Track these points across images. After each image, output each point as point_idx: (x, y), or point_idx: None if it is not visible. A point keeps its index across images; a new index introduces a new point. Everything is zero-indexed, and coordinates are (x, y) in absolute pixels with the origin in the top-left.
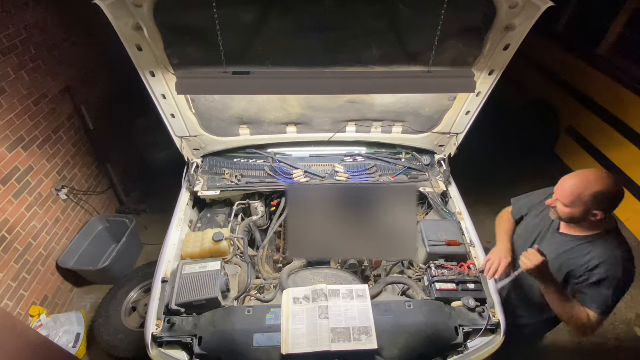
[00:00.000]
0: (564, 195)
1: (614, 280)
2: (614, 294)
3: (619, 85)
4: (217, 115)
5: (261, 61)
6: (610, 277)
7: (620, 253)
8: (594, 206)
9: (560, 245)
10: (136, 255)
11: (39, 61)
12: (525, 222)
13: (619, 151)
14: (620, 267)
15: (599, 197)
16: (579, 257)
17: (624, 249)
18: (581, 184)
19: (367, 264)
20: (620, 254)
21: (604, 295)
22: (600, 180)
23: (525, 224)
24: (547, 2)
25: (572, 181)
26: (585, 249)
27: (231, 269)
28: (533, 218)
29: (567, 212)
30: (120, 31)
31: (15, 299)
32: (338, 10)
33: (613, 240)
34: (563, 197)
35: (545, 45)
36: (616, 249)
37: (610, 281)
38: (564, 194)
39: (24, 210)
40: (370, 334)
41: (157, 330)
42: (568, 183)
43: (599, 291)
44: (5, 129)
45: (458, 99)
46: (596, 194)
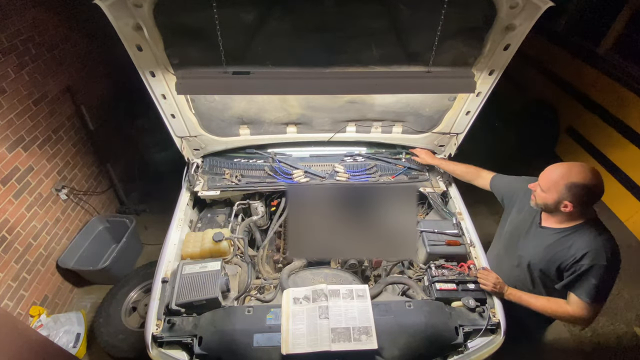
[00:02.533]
0: (543, 180)
1: (600, 268)
2: (603, 281)
3: (619, 85)
4: (217, 115)
5: (261, 61)
6: (595, 265)
7: (601, 241)
8: (566, 196)
9: (544, 239)
10: (136, 255)
11: (39, 61)
12: (510, 218)
13: (619, 151)
14: (603, 254)
15: (573, 189)
16: (564, 249)
17: (605, 237)
18: (561, 172)
19: (367, 264)
20: (601, 242)
21: (592, 284)
22: (580, 173)
23: (510, 220)
24: (547, 2)
25: (554, 168)
26: (567, 241)
27: (231, 269)
28: (517, 214)
29: (542, 197)
30: (120, 31)
31: (15, 299)
32: (338, 10)
33: (593, 230)
34: (542, 182)
35: (546, 45)
36: (597, 237)
37: (596, 269)
38: (544, 178)
39: (24, 210)
40: (370, 334)
41: (157, 330)
42: (551, 169)
43: (587, 281)
44: (5, 129)
45: (458, 99)
46: (571, 184)
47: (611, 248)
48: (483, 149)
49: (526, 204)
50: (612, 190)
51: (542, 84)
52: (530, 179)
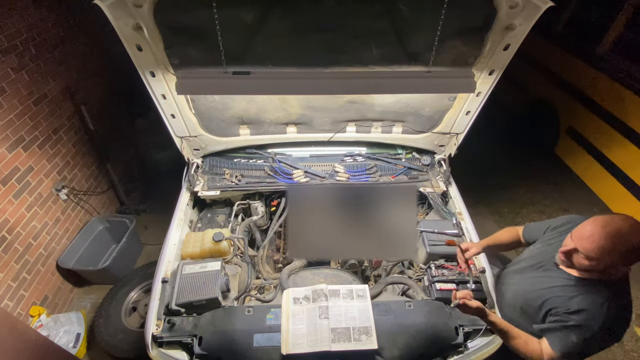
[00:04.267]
0: (590, 248)
1: (588, 332)
2: (584, 345)
3: (619, 85)
4: (217, 115)
5: (261, 61)
6: (584, 326)
7: (608, 309)
8: (621, 261)
9: (553, 280)
10: (136, 255)
11: (39, 61)
12: (530, 247)
13: (619, 151)
14: (600, 321)
15: (631, 253)
16: (564, 297)
17: (616, 305)
18: (615, 237)
19: (367, 264)
20: (607, 310)
21: (570, 341)
22: (636, 232)
23: (530, 249)
24: (547, 2)
25: (602, 231)
26: (574, 291)
27: (231, 269)
28: (540, 244)
29: (587, 265)
30: (120, 31)
31: (15, 299)
32: (338, 10)
33: (608, 293)
34: (587, 250)
35: (545, 45)
36: (607, 303)
37: (583, 331)
38: (590, 246)
39: (24, 210)
40: (370, 334)
41: (157, 330)
42: (597, 233)
43: (568, 336)
44: (5, 129)
45: (458, 99)
46: (632, 248)
47: (615, 318)
48: (483, 150)
49: (551, 237)
50: (612, 190)
51: (542, 84)
52: (568, 219)
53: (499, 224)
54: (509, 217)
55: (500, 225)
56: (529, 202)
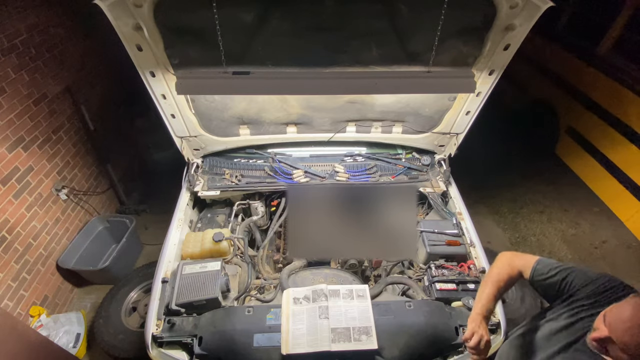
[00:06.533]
0: (629, 343)
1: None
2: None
3: (619, 85)
4: (217, 115)
5: (261, 61)
6: None
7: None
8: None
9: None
10: (136, 255)
11: (39, 61)
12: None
13: (619, 151)
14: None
15: None
16: None
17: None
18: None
19: (367, 264)
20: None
21: None
22: None
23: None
24: (547, 2)
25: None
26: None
27: (231, 269)
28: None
29: (622, 358)
30: (120, 31)
31: (15, 299)
32: (338, 10)
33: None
34: (626, 344)
35: (545, 45)
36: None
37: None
38: (630, 340)
39: (24, 211)
40: (370, 334)
41: (157, 330)
42: (637, 325)
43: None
44: (5, 129)
45: (458, 99)
46: None
47: None
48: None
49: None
50: (612, 190)
51: (542, 84)
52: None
53: (499, 224)
54: (509, 217)
55: (500, 225)
56: (529, 202)
